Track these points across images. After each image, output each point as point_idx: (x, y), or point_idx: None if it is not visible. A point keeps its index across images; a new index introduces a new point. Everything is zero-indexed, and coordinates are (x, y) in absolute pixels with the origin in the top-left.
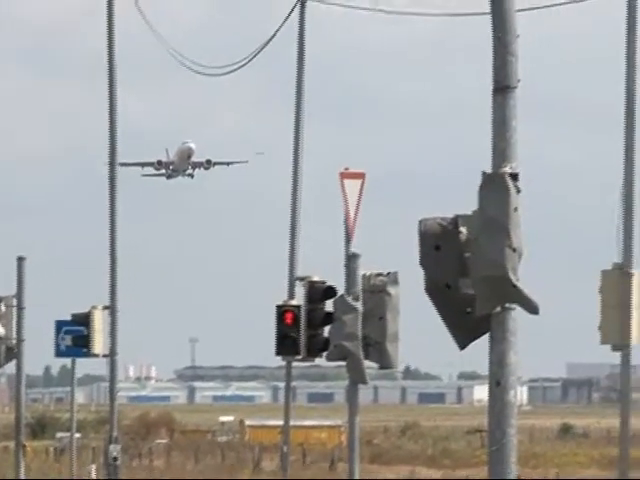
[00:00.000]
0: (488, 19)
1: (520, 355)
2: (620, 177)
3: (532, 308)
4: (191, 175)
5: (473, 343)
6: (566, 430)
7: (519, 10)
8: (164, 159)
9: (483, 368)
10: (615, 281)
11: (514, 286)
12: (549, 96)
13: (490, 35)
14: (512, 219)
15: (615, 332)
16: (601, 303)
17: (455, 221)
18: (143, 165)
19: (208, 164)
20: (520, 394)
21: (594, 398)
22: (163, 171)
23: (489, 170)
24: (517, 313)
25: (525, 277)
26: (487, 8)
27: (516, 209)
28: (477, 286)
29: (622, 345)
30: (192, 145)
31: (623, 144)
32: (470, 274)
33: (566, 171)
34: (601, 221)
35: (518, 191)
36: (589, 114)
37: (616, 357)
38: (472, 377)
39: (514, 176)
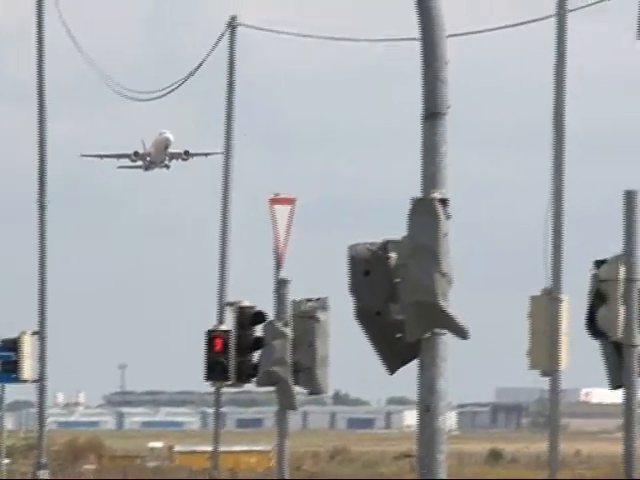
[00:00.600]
0: (418, 45)
1: (450, 380)
2: (549, 206)
3: (462, 333)
4: (167, 166)
5: (403, 368)
6: (495, 455)
7: (449, 36)
8: (141, 150)
9: (413, 393)
10: (544, 307)
11: (444, 312)
12: (478, 120)
13: (420, 61)
14: (442, 245)
15: (544, 358)
16: (530, 328)
17: (385, 246)
18: (119, 157)
19: (186, 155)
20: (449, 419)
21: (523, 423)
22: (140, 163)
23: (418, 195)
24: (447, 337)
25: (455, 301)
26: (417, 34)
27: (446, 235)
28: (407, 312)
29: (551, 371)
30: (169, 136)
31: (552, 171)
32: (400, 300)
33: (496, 196)
34: (531, 247)
35: (448, 217)
36: (518, 139)
37: (545, 382)
38: (402, 402)
39: (444, 202)
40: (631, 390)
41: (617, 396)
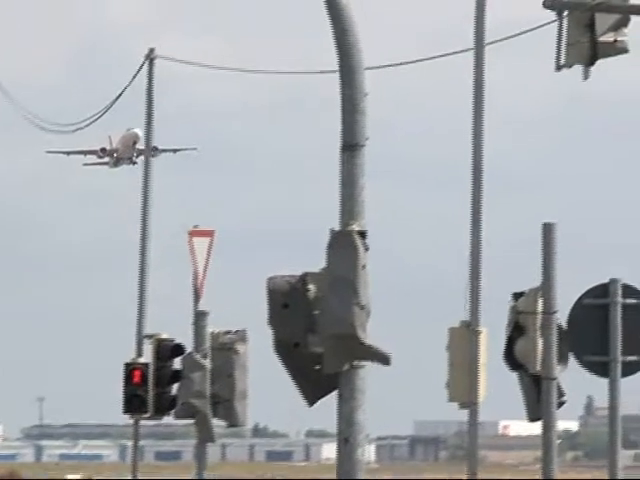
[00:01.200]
0: (337, 77)
1: (368, 412)
2: (468, 237)
3: (384, 360)
4: (134, 162)
5: (322, 400)
6: None
7: (367, 68)
8: (107, 146)
9: (332, 426)
10: (462, 339)
11: (362, 344)
12: (397, 153)
13: (339, 93)
14: (360, 277)
15: (462, 390)
16: (448, 360)
17: (303, 279)
18: (86, 153)
19: (154, 151)
20: (368, 452)
21: (441, 456)
22: (107, 159)
23: (337, 227)
24: (366, 371)
25: (373, 334)
26: (336, 66)
27: (364, 267)
28: (325, 344)
29: (469, 403)
30: (138, 131)
31: (470, 205)
32: (319, 332)
33: (414, 229)
34: (449, 278)
35: (366, 249)
36: (437, 172)
37: (463, 414)
38: (321, 435)
39: (362, 234)
40: (550, 422)
41: (535, 428)
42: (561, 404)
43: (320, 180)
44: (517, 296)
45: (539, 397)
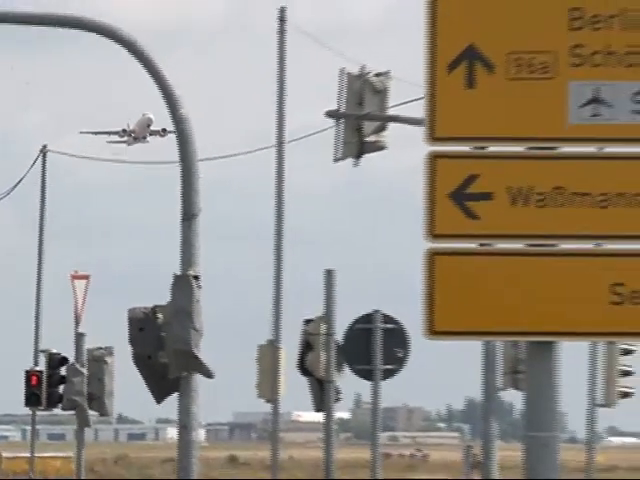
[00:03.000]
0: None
1: (201, 406)
2: (272, 279)
3: (209, 374)
4: (147, 141)
5: (168, 398)
6: (232, 460)
7: (200, 160)
8: (127, 128)
9: (174, 415)
10: (267, 352)
11: (196, 357)
12: (224, 217)
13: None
14: (195, 308)
15: (267, 389)
16: (258, 369)
17: (154, 310)
18: (110, 133)
19: (164, 132)
20: (200, 434)
21: (252, 437)
22: (126, 138)
23: (178, 272)
24: (199, 376)
25: (204, 350)
26: (175, 157)
27: (198, 301)
28: (170, 357)
29: (273, 399)
30: (151, 116)
31: (274, 253)
32: (165, 348)
33: (237, 277)
34: (259, 309)
35: (199, 287)
36: (253, 230)
37: (269, 407)
38: (167, 421)
39: (196, 277)
40: (329, 413)
41: (319, 417)
42: (338, 400)
43: (169, 240)
44: (307, 322)
45: (322, 394)
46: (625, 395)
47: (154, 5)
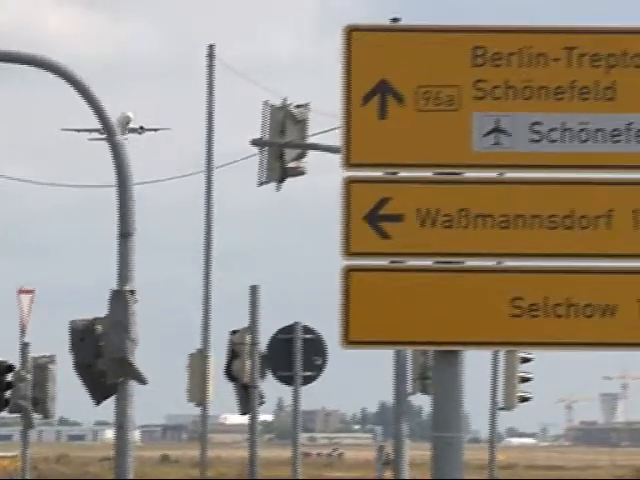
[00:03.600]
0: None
1: (136, 408)
2: (201, 292)
3: (142, 380)
4: (125, 138)
5: (105, 401)
6: (164, 458)
7: (136, 183)
8: None
9: (111, 417)
10: (197, 360)
11: (131, 364)
12: (165, 236)
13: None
14: (131, 320)
15: (197, 393)
16: (188, 375)
17: (93, 321)
18: (91, 131)
19: (141, 129)
20: (135, 435)
21: (183, 437)
22: (105, 136)
23: (115, 287)
24: (134, 383)
25: (140, 358)
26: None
27: (133, 313)
28: (108, 364)
29: (202, 402)
30: (130, 114)
31: (203, 268)
32: (103, 356)
33: (159, 291)
34: (188, 320)
35: (135, 301)
36: (179, 249)
37: (198, 410)
38: (104, 424)
39: (132, 292)
40: (254, 415)
41: (244, 419)
42: (261, 403)
43: (106, 256)
44: (234, 332)
45: (247, 399)
46: (524, 399)
47: (90, 39)
